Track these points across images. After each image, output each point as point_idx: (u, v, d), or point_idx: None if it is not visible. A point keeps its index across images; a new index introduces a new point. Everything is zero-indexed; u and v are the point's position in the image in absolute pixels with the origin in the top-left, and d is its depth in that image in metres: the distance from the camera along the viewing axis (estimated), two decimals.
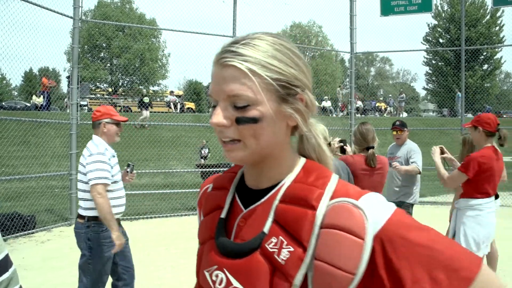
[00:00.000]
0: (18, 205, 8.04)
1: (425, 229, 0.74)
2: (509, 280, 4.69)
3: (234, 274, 0.77)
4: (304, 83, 0.81)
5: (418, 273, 0.69)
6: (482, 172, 3.38)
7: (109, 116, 3.20)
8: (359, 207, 0.73)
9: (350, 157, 3.52)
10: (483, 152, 3.43)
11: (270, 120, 0.76)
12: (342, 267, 0.69)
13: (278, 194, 0.79)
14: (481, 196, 3.44)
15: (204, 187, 0.97)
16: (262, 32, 0.80)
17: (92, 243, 3.11)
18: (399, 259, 0.70)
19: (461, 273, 0.69)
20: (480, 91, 28.31)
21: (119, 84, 29.80)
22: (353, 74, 10.36)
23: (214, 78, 0.77)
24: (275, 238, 0.75)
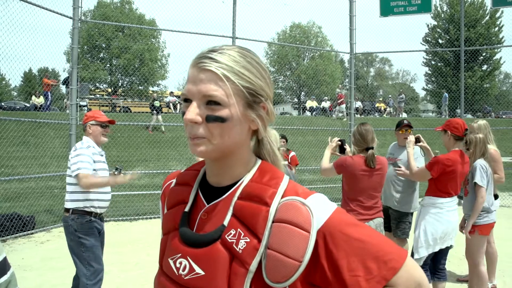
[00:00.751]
0: (18, 205, 8.03)
1: (361, 225, 0.87)
2: (508, 280, 4.69)
3: (197, 262, 0.86)
4: (268, 94, 0.92)
5: (353, 263, 0.82)
6: (446, 174, 3.58)
7: (93, 119, 3.56)
8: (306, 205, 0.84)
9: (350, 158, 3.51)
10: (449, 155, 3.64)
11: (236, 122, 0.87)
12: (290, 256, 0.81)
13: (237, 191, 0.90)
14: (443, 195, 3.64)
15: (167, 182, 1.07)
16: (235, 45, 0.92)
17: (79, 233, 3.38)
18: (338, 250, 0.83)
19: (389, 263, 0.83)
20: (479, 92, 28.33)
21: (118, 85, 29.77)
22: (352, 75, 10.36)
23: (191, 79, 0.87)
24: (233, 230, 0.85)
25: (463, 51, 10.09)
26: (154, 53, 29.75)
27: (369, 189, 3.45)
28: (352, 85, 10.31)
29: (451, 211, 3.66)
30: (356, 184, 3.45)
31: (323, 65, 31.32)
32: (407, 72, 52.95)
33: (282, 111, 32.99)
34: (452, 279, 4.73)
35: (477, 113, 26.49)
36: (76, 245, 3.40)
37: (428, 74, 34.04)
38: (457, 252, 5.59)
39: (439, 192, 3.64)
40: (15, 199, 8.47)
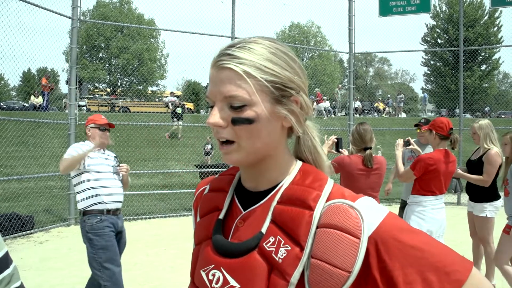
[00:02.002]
0: (17, 205, 8.02)
1: (417, 232, 0.76)
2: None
3: (231, 273, 0.79)
4: (299, 86, 0.83)
5: (410, 275, 0.71)
6: (428, 173, 3.63)
7: (92, 122, 3.60)
8: (355, 208, 0.75)
9: (347, 157, 3.53)
10: (432, 154, 3.69)
11: (265, 121, 0.79)
12: (338, 265, 0.71)
13: (276, 195, 0.81)
14: (426, 194, 3.69)
15: (200, 188, 0.98)
16: (258, 36, 0.83)
17: (91, 234, 3.32)
18: (392, 260, 0.72)
19: (452, 276, 0.71)
20: (478, 92, 28.35)
21: (117, 84, 29.75)
22: (351, 75, 10.36)
23: (212, 80, 0.80)
24: (272, 238, 0.77)
25: (462, 51, 10.10)
26: (153, 53, 29.77)
27: (367, 189, 3.46)
28: (351, 84, 10.31)
29: (436, 209, 3.70)
30: (353, 183, 3.46)
31: (322, 65, 31.32)
32: (406, 72, 52.97)
33: None
34: None
35: (476, 113, 26.52)
36: (89, 246, 3.35)
37: (427, 74, 34.06)
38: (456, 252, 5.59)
39: (422, 191, 3.70)
40: (14, 199, 8.46)
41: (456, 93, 11.22)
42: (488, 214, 4.34)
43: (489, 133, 4.31)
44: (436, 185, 3.68)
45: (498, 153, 4.27)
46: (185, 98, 23.30)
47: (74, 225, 7.57)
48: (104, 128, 3.60)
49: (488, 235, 4.38)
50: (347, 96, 10.84)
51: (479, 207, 4.39)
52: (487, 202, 4.34)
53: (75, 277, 4.82)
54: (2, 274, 1.08)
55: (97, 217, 3.33)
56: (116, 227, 3.44)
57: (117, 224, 3.45)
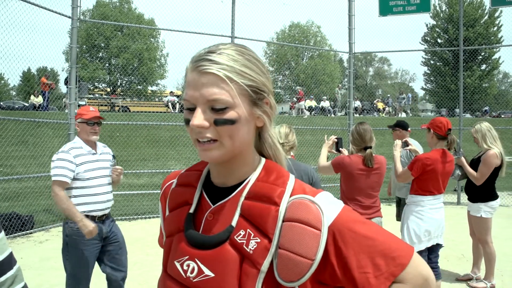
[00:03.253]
0: (16, 205, 8.02)
1: (368, 223, 0.87)
2: (507, 280, 4.69)
3: (206, 263, 0.85)
4: (269, 89, 0.91)
5: (362, 260, 0.83)
6: (426, 173, 3.65)
7: (79, 116, 3.33)
8: (316, 203, 0.85)
9: (347, 157, 3.52)
10: (429, 154, 3.70)
11: (245, 122, 0.86)
12: (303, 254, 0.81)
13: (244, 191, 0.89)
14: (424, 194, 3.71)
15: (167, 182, 1.04)
16: (230, 43, 0.90)
17: (68, 238, 3.24)
18: (347, 248, 0.83)
19: (397, 260, 0.84)
20: (478, 91, 28.36)
21: (117, 84, 29.75)
22: (351, 74, 10.36)
23: (192, 84, 0.85)
24: (243, 231, 0.85)
25: (462, 50, 10.10)
26: (153, 52, 29.76)
27: (367, 189, 3.45)
28: (351, 84, 10.31)
29: (434, 209, 3.71)
30: (353, 183, 3.46)
31: (322, 64, 31.34)
32: (406, 72, 53.00)
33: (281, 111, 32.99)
34: (451, 278, 4.74)
35: (476, 112, 26.53)
36: (63, 249, 3.30)
37: (427, 74, 34.07)
38: (456, 252, 5.60)
39: (420, 191, 3.71)
40: (14, 199, 8.46)
41: (456, 93, 11.23)
42: (483, 214, 4.35)
43: (486, 133, 4.34)
44: (434, 185, 3.69)
45: (496, 154, 4.26)
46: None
47: None
48: (93, 122, 3.30)
49: (486, 235, 4.38)
50: (347, 95, 10.83)
51: (475, 207, 4.41)
52: (482, 203, 4.35)
53: None
54: (5, 275, 1.07)
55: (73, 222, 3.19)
56: (101, 234, 3.29)
57: (101, 231, 3.29)
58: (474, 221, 4.45)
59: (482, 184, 4.33)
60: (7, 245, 1.12)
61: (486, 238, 4.39)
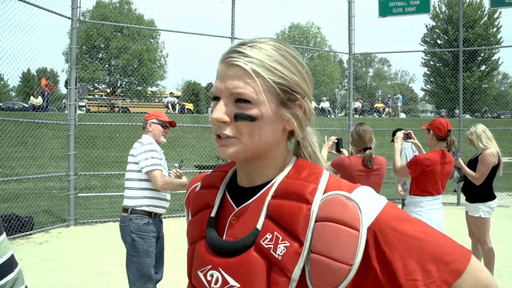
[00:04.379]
0: (16, 206, 8.02)
1: (416, 222, 0.76)
2: (507, 280, 4.70)
3: (230, 273, 0.77)
4: (305, 91, 0.83)
5: (409, 265, 0.72)
6: (424, 173, 3.64)
7: (155, 117, 3.43)
8: (352, 200, 0.74)
9: (347, 158, 3.52)
10: (429, 155, 3.70)
11: (268, 121, 0.78)
12: (338, 259, 0.71)
13: (271, 190, 0.80)
14: (422, 194, 3.70)
15: (192, 186, 0.97)
16: (269, 38, 0.83)
17: (135, 235, 3.16)
18: (391, 250, 0.72)
19: (451, 265, 0.72)
20: (478, 92, 28.37)
21: (117, 85, 29.75)
22: (351, 75, 10.37)
23: (219, 76, 0.80)
24: (269, 234, 0.76)
25: (462, 51, 10.11)
26: (153, 53, 29.75)
27: None
28: (351, 85, 10.32)
29: (433, 209, 3.71)
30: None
31: (322, 65, 31.33)
32: (406, 73, 53.01)
33: None
34: None
35: (475, 113, 26.54)
36: (129, 247, 3.18)
37: (426, 75, 34.09)
38: None
39: (419, 191, 3.71)
40: (13, 200, 8.45)
41: (455, 94, 11.23)
42: (482, 214, 4.35)
43: (481, 134, 4.37)
44: (432, 185, 3.69)
45: (493, 154, 4.27)
46: (184, 99, 23.30)
47: (74, 225, 7.57)
48: (166, 126, 3.45)
49: (484, 235, 4.39)
50: (346, 96, 10.84)
51: (474, 207, 4.41)
52: (481, 203, 4.36)
53: (74, 278, 4.82)
54: (6, 278, 1.06)
55: (145, 218, 3.18)
56: (159, 231, 3.34)
57: (160, 229, 3.35)
58: (473, 221, 4.46)
59: (480, 184, 4.34)
60: (9, 247, 1.11)
61: (485, 238, 4.39)
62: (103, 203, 9.08)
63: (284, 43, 0.84)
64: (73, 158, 7.64)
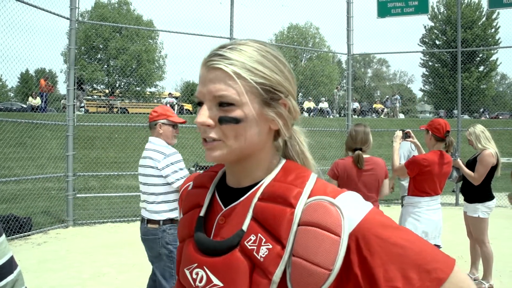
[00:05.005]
0: (14, 207, 8.00)
1: (400, 229, 0.76)
2: (506, 281, 4.70)
3: (214, 272, 0.79)
4: (288, 90, 0.83)
5: (391, 272, 0.72)
6: (422, 174, 3.66)
7: (165, 117, 3.14)
8: (335, 205, 0.75)
9: (341, 160, 3.58)
10: (427, 155, 3.71)
11: (252, 122, 0.79)
12: (319, 263, 0.71)
13: (257, 192, 0.81)
14: (421, 195, 3.71)
15: (185, 185, 0.99)
16: (249, 39, 0.84)
17: (172, 246, 3.00)
18: (373, 257, 0.72)
19: (433, 274, 0.71)
20: (476, 93, 28.42)
21: (116, 86, 29.73)
22: (350, 76, 10.37)
23: (201, 80, 0.81)
24: (253, 236, 0.77)
25: (460, 52, 10.12)
26: (151, 54, 29.73)
27: (363, 190, 3.46)
28: (349, 86, 10.33)
29: (432, 210, 3.72)
30: (348, 184, 3.48)
31: (320, 66, 31.35)
32: (405, 73, 53.08)
33: None
34: None
35: (473, 114, 26.58)
36: (167, 259, 3.01)
37: (425, 75, 34.14)
38: (454, 252, 5.60)
39: (417, 192, 3.72)
40: (11, 201, 8.44)
41: (454, 94, 11.25)
42: (480, 214, 4.36)
43: (479, 134, 4.39)
44: (430, 186, 3.70)
45: (491, 154, 4.29)
46: (183, 99, 23.30)
47: (72, 226, 7.56)
48: (177, 125, 3.19)
49: (483, 235, 4.40)
50: (345, 97, 10.84)
51: (472, 207, 4.42)
52: (479, 203, 4.37)
53: (73, 279, 4.81)
54: (5, 279, 1.06)
55: (175, 225, 3.04)
56: None
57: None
58: (471, 221, 4.47)
59: (478, 184, 4.34)
60: (8, 248, 1.10)
61: (483, 238, 4.40)
62: (102, 203, 9.07)
63: (264, 43, 0.84)
64: (71, 159, 7.63)
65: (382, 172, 3.54)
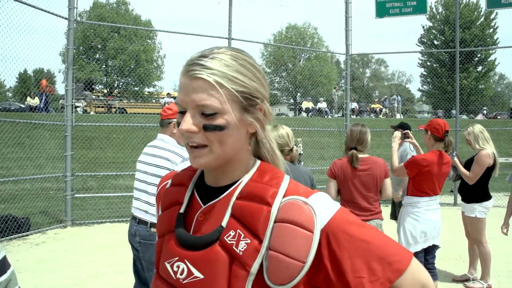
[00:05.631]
0: (13, 207, 7.99)
1: (365, 226, 0.85)
2: (504, 281, 4.71)
3: (195, 265, 0.84)
4: (263, 95, 0.90)
5: (357, 264, 0.80)
6: (422, 174, 3.67)
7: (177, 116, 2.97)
8: (308, 204, 0.83)
9: (338, 160, 3.58)
10: (426, 155, 3.73)
11: (234, 128, 0.85)
12: (294, 256, 0.78)
13: (236, 191, 0.87)
14: (420, 195, 3.72)
15: (163, 183, 1.04)
16: (226, 47, 0.88)
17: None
18: (341, 251, 0.81)
19: (394, 265, 0.81)
20: (474, 93, 28.47)
21: (114, 86, 29.70)
22: (348, 76, 10.38)
23: (183, 88, 0.85)
24: (233, 231, 0.83)
25: (458, 52, 10.13)
26: (150, 54, 29.72)
27: (361, 189, 3.45)
28: (348, 86, 10.33)
29: (430, 210, 3.72)
30: (346, 184, 3.47)
31: (319, 66, 31.36)
32: (403, 73, 53.17)
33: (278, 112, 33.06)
34: (448, 279, 4.74)
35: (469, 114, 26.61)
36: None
37: (423, 75, 34.19)
38: (453, 252, 5.61)
39: (416, 192, 3.72)
40: (10, 201, 8.42)
41: (452, 94, 11.26)
42: (477, 214, 4.37)
43: (478, 135, 4.39)
44: (429, 186, 3.70)
45: (488, 155, 4.28)
46: None
47: (71, 226, 7.55)
48: None
49: (480, 236, 4.40)
50: (343, 97, 10.85)
51: (469, 207, 4.43)
52: (476, 203, 4.37)
53: (71, 279, 4.81)
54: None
55: None
56: None
57: None
58: (469, 221, 4.48)
59: (476, 184, 4.35)
60: (1, 249, 1.11)
61: (481, 238, 4.41)
62: (100, 204, 9.05)
63: (240, 50, 0.89)
64: (70, 159, 7.61)
65: (380, 172, 3.50)
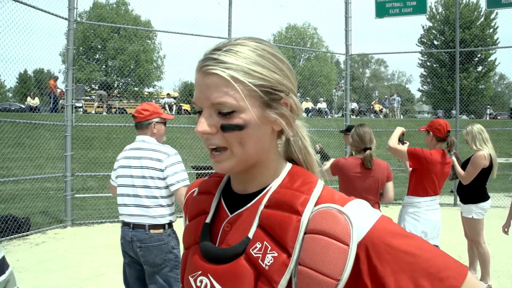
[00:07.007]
0: (13, 207, 7.99)
1: (410, 236, 0.74)
2: (504, 281, 4.71)
3: (219, 280, 0.77)
4: (288, 87, 0.80)
5: (402, 280, 0.69)
6: (421, 168, 3.65)
7: (158, 115, 2.94)
8: (344, 213, 0.73)
9: (343, 159, 3.49)
10: (432, 151, 3.70)
11: (255, 126, 0.76)
12: (326, 273, 0.69)
13: (264, 199, 0.79)
14: (420, 194, 3.70)
15: (190, 191, 0.97)
16: (244, 37, 0.79)
17: (177, 250, 2.83)
18: (383, 266, 0.70)
19: (446, 281, 0.69)
20: (474, 93, 28.47)
21: (114, 86, 29.69)
22: (348, 76, 10.38)
23: (198, 86, 0.77)
24: (259, 243, 0.75)
25: (458, 52, 10.14)
26: (149, 54, 29.71)
27: (363, 192, 3.39)
28: (347, 86, 10.33)
29: (431, 210, 3.71)
30: (349, 186, 3.42)
31: (318, 66, 31.35)
32: (403, 73, 53.17)
33: None
34: None
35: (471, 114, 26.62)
36: (172, 265, 2.80)
37: (423, 75, 34.18)
38: (453, 253, 5.60)
39: (417, 191, 3.70)
40: (10, 201, 8.43)
41: (452, 94, 11.27)
42: (474, 215, 4.36)
43: (476, 135, 4.36)
44: (430, 185, 3.68)
45: (484, 156, 4.24)
46: (182, 100, 23.26)
47: (71, 226, 7.55)
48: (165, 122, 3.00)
49: (478, 236, 4.40)
50: (343, 97, 10.86)
51: (466, 208, 4.43)
52: (473, 204, 4.36)
53: (71, 279, 4.81)
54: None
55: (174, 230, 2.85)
56: None
57: None
58: (466, 222, 4.47)
59: (473, 185, 4.33)
60: (0, 249, 1.11)
61: (479, 239, 4.40)
62: (100, 204, 9.05)
63: (260, 40, 0.80)
64: (69, 159, 7.62)
65: (383, 175, 3.45)
